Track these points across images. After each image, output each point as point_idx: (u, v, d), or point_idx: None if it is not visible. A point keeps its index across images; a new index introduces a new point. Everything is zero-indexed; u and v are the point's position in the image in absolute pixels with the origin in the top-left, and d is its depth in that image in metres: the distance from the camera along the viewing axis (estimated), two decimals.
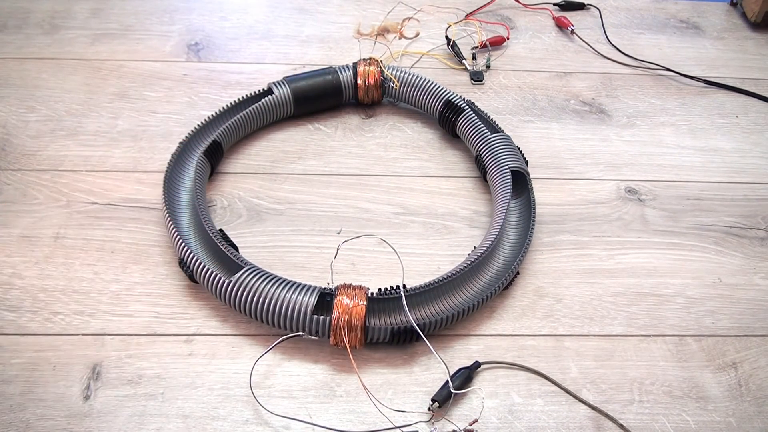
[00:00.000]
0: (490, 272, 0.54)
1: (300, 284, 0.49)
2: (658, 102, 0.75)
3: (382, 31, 0.80)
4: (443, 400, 0.46)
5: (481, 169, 0.62)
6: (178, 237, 0.52)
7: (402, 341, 0.49)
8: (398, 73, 0.68)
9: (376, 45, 0.78)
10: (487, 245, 0.53)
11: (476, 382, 0.49)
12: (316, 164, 0.64)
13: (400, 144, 0.67)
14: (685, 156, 0.68)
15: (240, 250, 0.54)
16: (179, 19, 0.80)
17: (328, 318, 0.48)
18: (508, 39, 0.81)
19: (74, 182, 0.60)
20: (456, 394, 0.47)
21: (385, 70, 0.67)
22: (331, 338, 0.48)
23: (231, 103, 0.65)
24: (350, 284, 0.50)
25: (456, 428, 0.45)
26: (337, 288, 0.49)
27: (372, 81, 0.67)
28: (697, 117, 0.73)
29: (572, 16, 0.86)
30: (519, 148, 0.62)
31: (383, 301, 0.49)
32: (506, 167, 0.59)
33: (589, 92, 0.75)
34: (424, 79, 0.67)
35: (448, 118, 0.65)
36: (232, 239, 0.55)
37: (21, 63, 0.72)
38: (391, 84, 0.67)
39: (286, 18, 0.82)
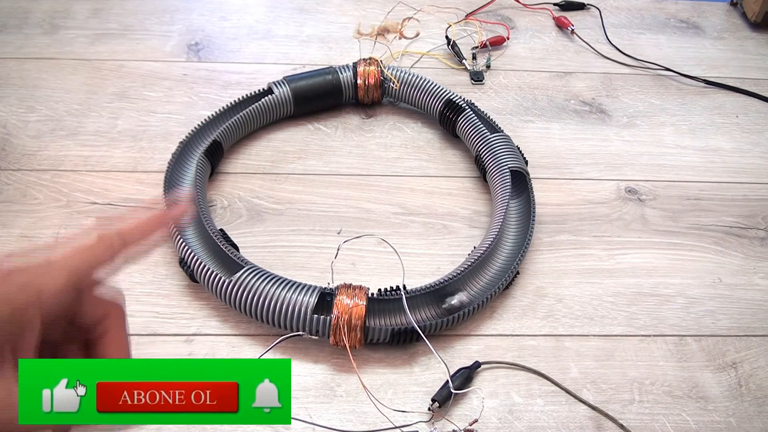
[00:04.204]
0: (490, 272, 0.54)
1: (300, 284, 0.49)
2: (658, 102, 0.75)
3: (382, 31, 0.80)
4: (443, 400, 0.46)
5: (481, 169, 0.62)
6: (179, 237, 0.52)
7: (402, 341, 0.49)
8: (398, 73, 0.68)
9: (376, 45, 0.78)
10: (487, 245, 0.53)
11: (476, 382, 0.49)
12: (316, 164, 0.64)
13: (400, 144, 0.67)
14: (685, 156, 0.68)
15: (240, 250, 0.54)
16: (179, 19, 0.80)
17: (328, 318, 0.48)
18: (508, 39, 0.81)
19: (74, 182, 0.60)
20: (456, 394, 0.47)
21: (385, 70, 0.67)
22: (331, 338, 0.48)
23: (231, 103, 0.65)
24: (350, 284, 0.50)
25: (456, 428, 0.45)
26: (337, 288, 0.49)
27: (372, 81, 0.67)
28: (697, 117, 0.73)
29: (572, 16, 0.86)
30: (519, 148, 0.62)
31: (383, 302, 0.49)
32: (506, 167, 0.59)
33: (589, 92, 0.75)
34: (424, 79, 0.67)
35: (448, 118, 0.65)
36: (232, 239, 0.55)
37: (21, 63, 0.72)
38: (391, 84, 0.67)
39: (286, 18, 0.82)
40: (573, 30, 0.83)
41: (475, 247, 0.55)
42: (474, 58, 0.78)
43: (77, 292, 0.27)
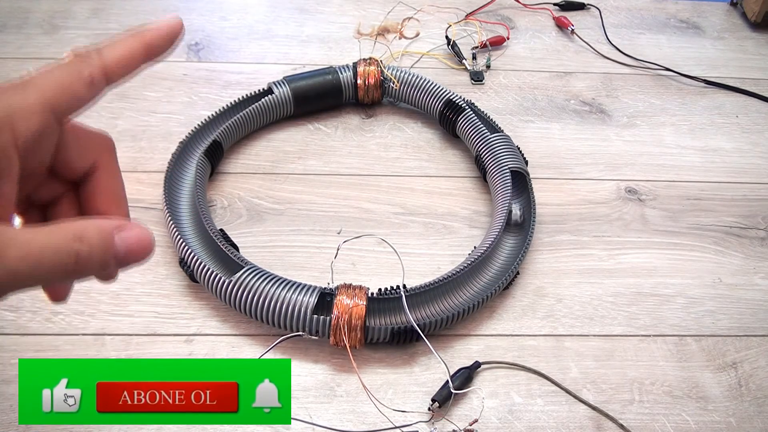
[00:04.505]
0: (490, 272, 0.54)
1: (300, 284, 0.49)
2: (658, 102, 0.75)
3: (382, 31, 0.80)
4: (443, 400, 0.46)
5: (481, 169, 0.62)
6: (179, 237, 0.52)
7: (402, 341, 0.49)
8: (398, 73, 0.68)
9: (376, 45, 0.78)
10: (487, 245, 0.53)
11: (476, 382, 0.49)
12: (316, 164, 0.64)
13: (400, 144, 0.67)
14: (685, 156, 0.68)
15: (240, 250, 0.54)
16: None
17: (328, 318, 0.48)
18: (508, 39, 0.81)
19: None
20: (456, 394, 0.47)
21: (385, 70, 0.67)
22: (331, 338, 0.48)
23: (231, 103, 0.65)
24: (350, 284, 0.50)
25: (456, 428, 0.45)
26: (337, 288, 0.49)
27: (372, 81, 0.67)
28: (697, 117, 0.73)
29: (572, 16, 0.86)
30: (519, 148, 0.62)
31: (383, 301, 0.49)
32: (506, 167, 0.59)
33: (589, 92, 0.75)
34: (424, 79, 0.67)
35: (448, 118, 0.65)
36: (232, 239, 0.55)
37: (21, 63, 0.72)
38: (391, 84, 0.67)
39: (286, 18, 0.82)
40: (573, 30, 0.83)
41: (475, 247, 0.55)
42: (474, 58, 0.78)
43: (56, 120, 0.23)
